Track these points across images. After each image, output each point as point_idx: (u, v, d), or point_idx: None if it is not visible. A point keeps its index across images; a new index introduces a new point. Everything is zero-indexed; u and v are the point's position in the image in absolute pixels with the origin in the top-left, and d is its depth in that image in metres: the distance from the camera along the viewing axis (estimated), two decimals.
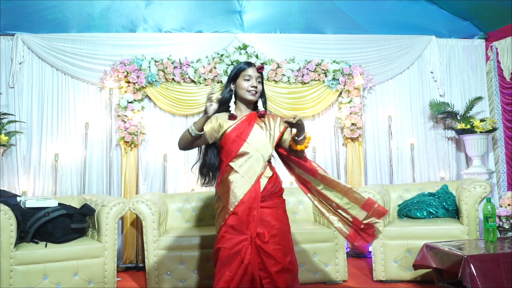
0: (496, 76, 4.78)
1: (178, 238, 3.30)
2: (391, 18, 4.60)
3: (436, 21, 4.66)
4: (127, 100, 4.21)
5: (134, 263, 4.08)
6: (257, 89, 2.30)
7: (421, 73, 4.78)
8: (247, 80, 2.29)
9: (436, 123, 4.75)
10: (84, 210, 3.26)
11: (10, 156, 4.14)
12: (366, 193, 3.43)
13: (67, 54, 4.25)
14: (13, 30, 4.20)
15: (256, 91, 2.30)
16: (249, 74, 2.29)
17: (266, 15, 4.48)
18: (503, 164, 4.72)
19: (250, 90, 2.29)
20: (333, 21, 4.58)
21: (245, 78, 2.29)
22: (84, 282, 3.02)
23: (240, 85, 2.30)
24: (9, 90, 4.19)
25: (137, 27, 4.41)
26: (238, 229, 2.16)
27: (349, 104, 4.51)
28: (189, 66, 4.31)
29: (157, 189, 4.32)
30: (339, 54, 4.61)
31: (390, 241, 3.37)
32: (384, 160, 4.64)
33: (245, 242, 2.14)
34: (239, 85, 2.31)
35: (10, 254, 2.84)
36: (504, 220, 3.78)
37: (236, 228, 2.16)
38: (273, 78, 4.42)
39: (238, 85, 2.31)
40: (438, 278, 2.97)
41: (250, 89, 2.29)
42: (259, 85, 2.32)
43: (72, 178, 4.22)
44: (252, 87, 2.29)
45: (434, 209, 3.63)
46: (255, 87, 2.29)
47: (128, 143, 4.22)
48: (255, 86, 2.29)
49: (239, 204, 2.17)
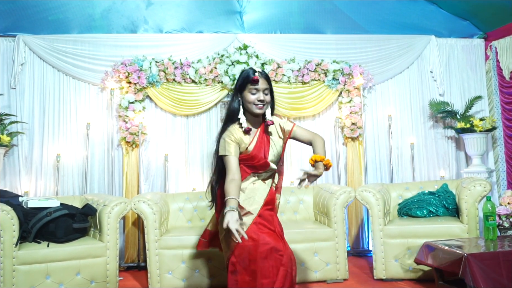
0: (496, 75, 4.79)
1: (180, 238, 3.32)
2: (391, 18, 4.61)
3: (435, 21, 4.67)
4: (128, 100, 4.23)
5: (136, 263, 4.10)
6: (264, 102, 2.24)
7: (421, 72, 4.79)
8: (253, 94, 2.22)
9: (436, 123, 4.76)
10: (86, 210, 3.27)
11: (12, 157, 4.15)
12: (366, 192, 3.46)
13: (68, 55, 4.26)
14: (15, 31, 4.22)
15: (263, 104, 2.24)
16: (255, 88, 2.21)
17: (266, 16, 4.49)
18: (502, 163, 4.74)
19: (257, 104, 2.23)
20: (333, 21, 4.59)
21: (251, 91, 2.22)
22: (86, 281, 3.03)
23: (247, 98, 2.23)
24: (11, 91, 4.21)
25: (138, 28, 4.43)
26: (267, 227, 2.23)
27: (349, 104, 4.53)
28: (190, 67, 4.33)
29: (158, 189, 4.34)
30: (339, 54, 4.62)
31: (391, 239, 3.38)
32: (384, 159, 4.65)
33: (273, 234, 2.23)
34: (245, 98, 2.24)
35: (13, 254, 2.86)
36: (504, 219, 3.79)
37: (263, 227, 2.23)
38: (274, 78, 4.43)
39: (244, 97, 2.24)
40: (438, 277, 2.99)
41: (257, 102, 2.22)
42: (266, 97, 2.25)
43: (73, 178, 4.23)
44: (258, 100, 2.22)
45: (434, 207, 3.65)
46: (261, 100, 2.23)
47: (130, 143, 4.23)
48: (261, 100, 2.22)
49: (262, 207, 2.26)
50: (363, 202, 3.49)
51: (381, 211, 3.42)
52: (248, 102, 2.24)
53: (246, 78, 2.24)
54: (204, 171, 4.42)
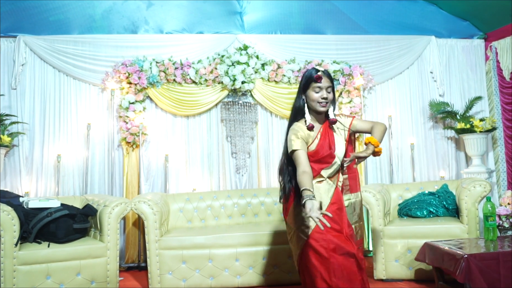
0: (496, 76, 4.79)
1: (180, 238, 3.32)
2: (391, 19, 4.61)
3: (435, 21, 4.68)
4: (129, 101, 4.23)
5: (136, 263, 4.10)
6: (327, 100, 2.30)
7: (421, 73, 4.80)
8: (317, 92, 2.29)
9: (436, 123, 4.76)
10: (87, 211, 3.28)
11: (13, 157, 4.16)
12: (366, 192, 3.46)
13: (69, 56, 4.27)
14: (15, 32, 4.22)
15: (326, 102, 2.30)
16: (319, 86, 2.28)
17: (267, 16, 4.50)
18: (503, 163, 4.74)
19: (320, 102, 2.29)
20: (333, 22, 4.60)
21: (314, 90, 2.29)
22: (86, 282, 3.04)
23: (310, 96, 2.30)
24: (12, 92, 4.22)
25: (139, 28, 4.43)
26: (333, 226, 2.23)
27: (349, 104, 4.53)
28: (190, 67, 4.33)
29: (158, 189, 4.34)
30: (339, 54, 4.63)
31: (391, 240, 3.39)
32: (384, 159, 4.65)
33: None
34: (309, 96, 2.31)
35: (13, 254, 2.87)
36: (504, 219, 3.79)
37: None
38: (274, 79, 4.44)
39: (308, 96, 2.31)
40: (438, 277, 2.99)
41: (321, 100, 2.29)
42: (329, 95, 2.32)
43: (74, 179, 4.24)
44: (322, 98, 2.29)
45: (434, 208, 3.65)
46: (325, 98, 2.29)
47: (130, 144, 4.24)
48: (325, 97, 2.29)
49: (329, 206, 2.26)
50: (363, 203, 3.48)
51: (381, 212, 3.42)
52: (312, 100, 2.30)
53: (309, 77, 2.31)
54: (205, 171, 4.42)
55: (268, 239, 3.35)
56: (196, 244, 3.30)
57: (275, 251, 3.33)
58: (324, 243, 2.16)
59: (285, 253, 3.29)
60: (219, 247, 3.31)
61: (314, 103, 2.30)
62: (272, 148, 4.53)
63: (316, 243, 2.17)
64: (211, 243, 3.31)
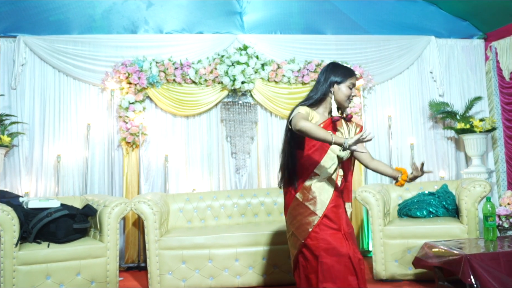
0: (496, 76, 4.79)
1: (180, 238, 3.32)
2: (391, 19, 4.61)
3: (435, 22, 4.68)
4: (129, 101, 4.23)
5: (136, 263, 4.10)
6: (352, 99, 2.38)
7: (421, 73, 4.80)
8: (350, 88, 2.33)
9: (436, 123, 4.76)
10: (86, 211, 3.28)
11: (13, 157, 4.16)
12: (366, 192, 3.47)
13: (68, 56, 4.27)
14: (15, 32, 4.22)
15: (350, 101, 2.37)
16: (353, 83, 2.33)
17: (267, 16, 4.50)
18: (502, 164, 4.74)
19: (350, 99, 2.35)
20: (333, 22, 4.60)
21: (349, 86, 2.32)
22: (86, 282, 3.04)
23: (343, 90, 2.31)
24: (12, 92, 4.22)
25: (138, 28, 4.43)
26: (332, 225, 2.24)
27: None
28: (190, 67, 4.33)
29: (158, 189, 4.34)
30: (339, 54, 4.63)
31: (391, 240, 3.39)
32: (384, 159, 4.65)
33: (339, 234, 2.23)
34: (341, 89, 2.32)
35: (13, 254, 2.87)
36: (504, 219, 3.78)
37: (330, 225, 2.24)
38: (274, 79, 4.44)
39: (341, 89, 2.32)
40: (438, 277, 2.99)
41: (351, 98, 2.35)
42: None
43: (74, 179, 4.24)
44: (352, 96, 2.35)
45: (434, 208, 3.65)
46: (353, 96, 2.36)
47: (130, 144, 4.24)
48: (353, 95, 2.36)
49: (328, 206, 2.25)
50: (363, 203, 3.49)
51: (381, 212, 3.42)
52: (344, 95, 2.32)
53: (351, 72, 2.34)
54: (204, 171, 4.42)
55: (268, 239, 3.35)
56: (196, 244, 3.30)
57: (275, 251, 3.33)
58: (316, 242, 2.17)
59: (285, 253, 3.29)
60: (219, 247, 3.31)
61: (344, 98, 2.32)
62: (272, 148, 4.53)
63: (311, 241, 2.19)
64: (211, 243, 3.31)
